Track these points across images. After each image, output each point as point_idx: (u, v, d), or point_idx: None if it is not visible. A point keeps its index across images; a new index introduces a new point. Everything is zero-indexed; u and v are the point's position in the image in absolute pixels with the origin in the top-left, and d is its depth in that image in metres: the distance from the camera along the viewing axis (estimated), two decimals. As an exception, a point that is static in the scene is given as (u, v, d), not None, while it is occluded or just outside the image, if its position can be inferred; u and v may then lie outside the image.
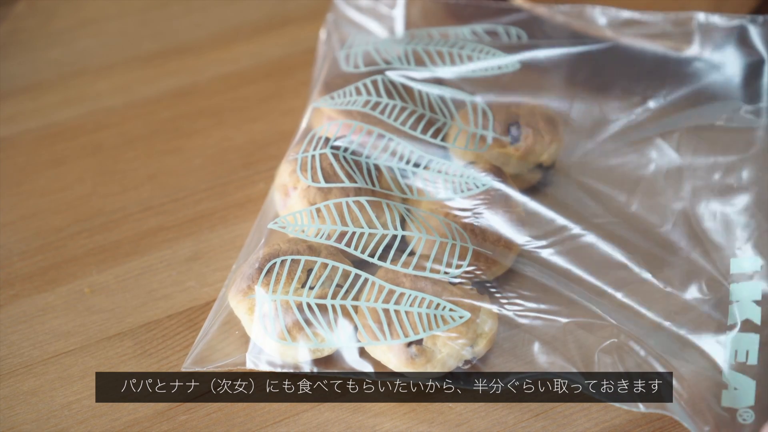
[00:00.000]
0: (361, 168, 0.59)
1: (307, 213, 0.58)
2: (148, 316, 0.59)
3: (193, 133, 0.70)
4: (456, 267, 0.56)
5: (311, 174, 0.59)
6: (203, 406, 0.55)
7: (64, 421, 0.55)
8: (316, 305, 0.55)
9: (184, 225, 0.64)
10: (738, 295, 0.57)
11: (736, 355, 0.54)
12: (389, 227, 0.58)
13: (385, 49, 0.65)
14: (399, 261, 0.56)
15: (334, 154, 0.59)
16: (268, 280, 0.55)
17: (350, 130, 0.61)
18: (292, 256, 0.56)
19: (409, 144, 0.60)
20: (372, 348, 0.55)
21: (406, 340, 0.54)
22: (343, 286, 0.56)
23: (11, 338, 0.58)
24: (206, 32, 0.78)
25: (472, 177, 0.59)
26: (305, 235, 0.57)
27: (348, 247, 0.57)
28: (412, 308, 0.54)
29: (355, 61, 0.65)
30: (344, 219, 0.57)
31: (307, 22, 0.77)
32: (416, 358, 0.54)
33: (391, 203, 0.58)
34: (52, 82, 0.74)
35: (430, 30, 0.68)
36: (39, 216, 0.65)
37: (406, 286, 0.55)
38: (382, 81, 0.63)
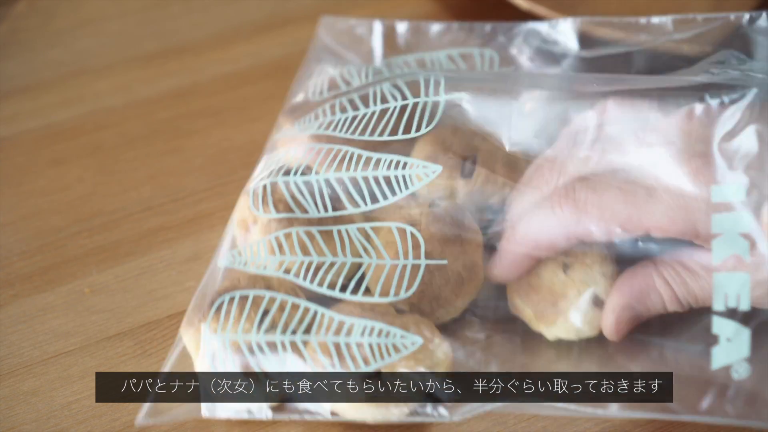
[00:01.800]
0: (313, 191, 0.57)
1: (261, 244, 0.56)
2: (148, 316, 0.59)
3: (193, 133, 0.70)
4: (405, 290, 0.54)
5: (262, 207, 0.57)
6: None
7: (64, 421, 0.55)
8: (266, 343, 0.52)
9: (184, 225, 0.64)
10: (721, 226, 0.51)
11: (726, 300, 0.50)
12: (338, 254, 0.55)
13: (348, 71, 0.64)
14: (347, 289, 0.54)
15: (285, 182, 0.57)
16: (218, 318, 0.53)
17: (303, 152, 0.59)
18: (242, 291, 0.54)
19: (359, 149, 0.58)
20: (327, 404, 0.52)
21: (356, 370, 0.51)
22: (292, 322, 0.53)
23: (11, 338, 0.58)
24: (206, 32, 0.78)
25: (421, 167, 0.57)
26: (266, 270, 0.55)
27: (303, 279, 0.55)
28: (362, 338, 0.52)
29: (321, 88, 0.63)
30: (295, 251, 0.55)
31: (307, 22, 0.77)
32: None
33: (343, 228, 0.56)
34: (52, 82, 0.74)
35: (407, 57, 0.67)
36: (39, 216, 0.65)
37: (356, 314, 0.53)
38: (339, 102, 0.61)
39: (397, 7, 0.79)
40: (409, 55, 0.68)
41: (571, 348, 0.55)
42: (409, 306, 0.55)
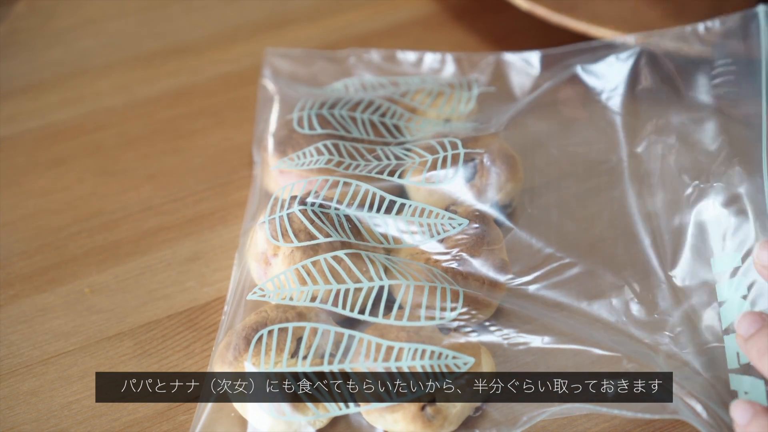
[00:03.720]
0: (333, 221, 0.57)
1: (288, 275, 0.56)
2: (148, 316, 0.59)
3: (193, 133, 0.70)
4: (451, 310, 0.55)
5: (282, 237, 0.57)
6: (203, 406, 0.55)
7: (64, 421, 0.55)
8: (313, 374, 0.53)
9: (184, 225, 0.64)
10: (724, 294, 0.56)
11: (738, 358, 0.54)
12: (374, 278, 0.55)
13: (340, 115, 0.64)
14: (391, 314, 0.55)
15: (302, 211, 0.57)
16: (258, 352, 0.53)
17: (315, 186, 0.59)
18: (280, 324, 0.54)
19: (375, 188, 0.59)
20: (375, 417, 0.52)
21: (413, 396, 0.51)
22: (338, 350, 0.53)
23: (11, 338, 0.58)
24: (206, 32, 0.78)
25: (447, 218, 0.58)
26: (293, 302, 0.55)
27: (335, 306, 0.55)
28: (414, 362, 0.52)
29: (310, 123, 0.63)
30: (326, 277, 0.55)
31: (307, 22, 0.77)
32: (433, 420, 0.52)
33: (371, 254, 0.56)
34: (52, 82, 0.74)
35: (381, 79, 0.67)
36: (39, 216, 0.65)
37: (403, 339, 0.53)
38: (343, 145, 0.61)
39: (397, 7, 0.79)
40: (385, 77, 0.68)
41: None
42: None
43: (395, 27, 0.77)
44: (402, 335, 0.53)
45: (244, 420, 0.54)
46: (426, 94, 0.66)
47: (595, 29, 0.68)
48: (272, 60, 0.70)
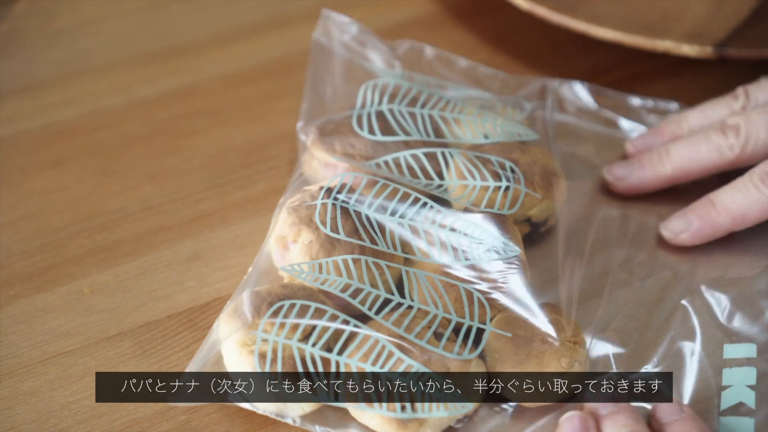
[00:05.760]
0: (363, 221, 0.57)
1: (329, 264, 0.55)
2: (148, 316, 0.59)
3: (193, 133, 0.70)
4: (470, 352, 0.54)
5: (312, 226, 0.56)
6: (203, 406, 0.55)
7: (64, 421, 0.55)
8: (320, 358, 0.53)
9: (184, 225, 0.64)
10: (731, 379, 0.55)
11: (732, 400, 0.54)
12: (406, 298, 0.55)
13: (401, 113, 0.63)
14: (414, 331, 0.54)
15: (340, 206, 0.57)
16: (273, 322, 0.53)
17: (352, 180, 0.59)
18: (303, 301, 0.54)
19: (412, 191, 0.58)
20: (355, 409, 0.53)
21: (402, 415, 0.51)
22: (348, 347, 0.53)
23: (11, 338, 0.58)
24: (206, 32, 0.78)
25: (476, 243, 0.56)
26: (326, 286, 0.55)
27: (369, 309, 0.54)
28: (420, 383, 0.52)
29: (369, 126, 0.62)
30: (362, 277, 0.55)
31: (307, 22, 0.77)
32: (408, 423, 0.52)
33: (411, 271, 0.56)
34: (52, 82, 0.74)
35: (429, 79, 0.66)
36: (39, 216, 0.65)
37: (416, 358, 0.52)
38: (404, 158, 0.60)
39: (397, 7, 0.79)
40: (432, 78, 0.67)
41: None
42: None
43: (395, 27, 0.77)
44: (416, 352, 0.53)
45: (244, 419, 0.54)
46: (476, 106, 0.64)
47: (595, 29, 0.68)
48: (327, 25, 0.69)
